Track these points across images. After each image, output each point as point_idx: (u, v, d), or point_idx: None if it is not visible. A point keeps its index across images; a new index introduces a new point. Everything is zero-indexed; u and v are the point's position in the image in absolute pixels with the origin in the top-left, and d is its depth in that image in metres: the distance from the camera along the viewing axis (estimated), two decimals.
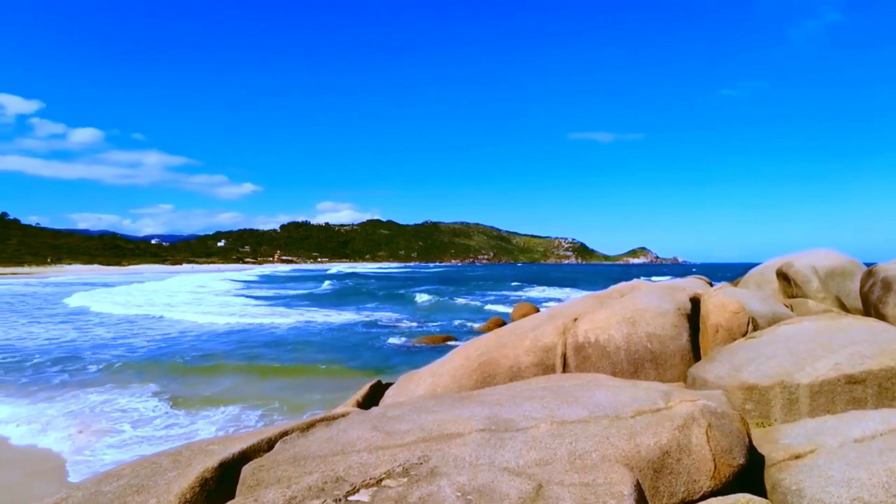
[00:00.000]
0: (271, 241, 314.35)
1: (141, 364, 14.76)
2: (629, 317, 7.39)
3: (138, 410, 10.21)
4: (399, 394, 6.97)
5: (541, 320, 7.67)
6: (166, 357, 15.96)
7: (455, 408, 4.40)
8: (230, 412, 10.06)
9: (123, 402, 10.79)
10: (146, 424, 9.40)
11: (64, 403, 10.64)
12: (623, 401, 4.10)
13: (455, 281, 78.48)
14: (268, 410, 10.19)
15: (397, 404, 5.00)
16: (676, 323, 7.45)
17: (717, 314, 7.73)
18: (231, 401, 10.77)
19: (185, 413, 10.07)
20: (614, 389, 4.59)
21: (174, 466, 3.65)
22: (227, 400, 10.85)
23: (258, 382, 12.73)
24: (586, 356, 6.84)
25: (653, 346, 7.10)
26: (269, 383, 12.75)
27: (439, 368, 7.06)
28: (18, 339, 19.54)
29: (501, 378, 6.62)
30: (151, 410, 10.23)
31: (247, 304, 36.31)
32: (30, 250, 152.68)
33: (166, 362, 15.10)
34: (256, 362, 15.18)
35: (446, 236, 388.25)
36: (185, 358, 15.67)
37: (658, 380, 6.95)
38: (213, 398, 11.04)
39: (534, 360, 6.73)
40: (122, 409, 10.34)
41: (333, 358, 15.84)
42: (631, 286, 10.09)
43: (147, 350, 17.20)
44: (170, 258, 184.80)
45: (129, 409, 10.29)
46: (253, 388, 12.05)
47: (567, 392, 4.66)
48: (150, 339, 19.54)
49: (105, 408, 10.38)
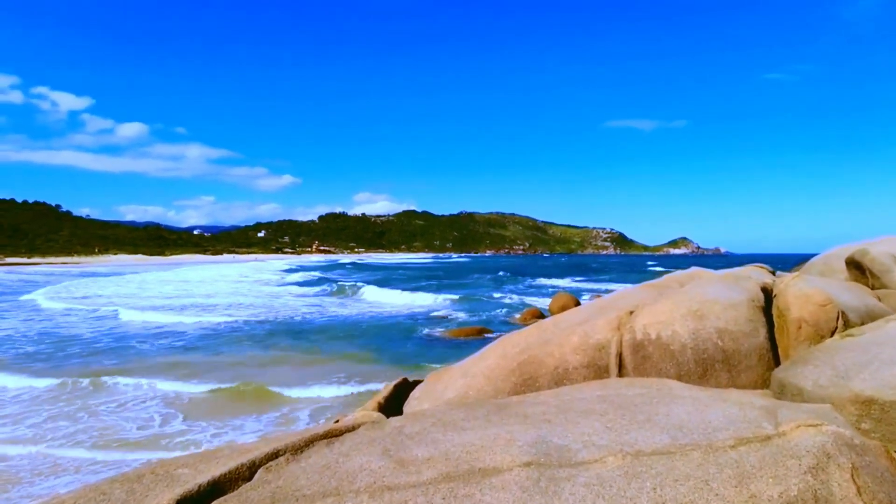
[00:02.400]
0: (310, 231, 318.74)
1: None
2: (695, 309, 6.30)
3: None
4: (426, 396, 6.08)
5: (590, 313, 6.65)
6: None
7: (491, 424, 3.47)
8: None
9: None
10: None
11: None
12: (713, 421, 3.10)
13: (487, 270, 77.36)
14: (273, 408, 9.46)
15: (419, 414, 4.10)
16: (751, 317, 6.33)
17: (799, 307, 6.56)
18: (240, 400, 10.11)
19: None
20: (695, 402, 3.57)
21: (126, 499, 2.82)
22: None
23: (276, 373, 12.06)
24: (646, 356, 5.80)
25: (724, 343, 6.01)
26: (289, 372, 12.10)
27: (472, 367, 6.13)
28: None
29: (545, 381, 5.65)
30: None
31: (277, 294, 36.16)
32: (80, 241, 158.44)
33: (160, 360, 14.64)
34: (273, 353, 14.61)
35: (481, 227, 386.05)
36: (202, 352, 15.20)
37: (731, 384, 5.86)
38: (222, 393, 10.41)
39: (583, 361, 5.72)
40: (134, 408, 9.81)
41: (359, 349, 15.11)
42: (690, 274, 8.94)
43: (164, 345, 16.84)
44: (211, 248, 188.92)
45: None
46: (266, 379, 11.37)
47: (633, 405, 3.67)
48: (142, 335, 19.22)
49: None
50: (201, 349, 15.07)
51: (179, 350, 14.98)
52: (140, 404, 9.69)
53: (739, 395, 3.81)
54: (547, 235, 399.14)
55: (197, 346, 15.50)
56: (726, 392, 3.95)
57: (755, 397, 3.85)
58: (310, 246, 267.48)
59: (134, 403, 9.73)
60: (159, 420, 8.83)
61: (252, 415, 9.13)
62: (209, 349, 15.04)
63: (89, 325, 19.59)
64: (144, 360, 13.59)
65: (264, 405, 9.66)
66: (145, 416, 9.06)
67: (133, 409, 9.39)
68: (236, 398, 10.08)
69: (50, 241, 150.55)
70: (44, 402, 9.82)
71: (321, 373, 12.10)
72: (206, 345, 15.76)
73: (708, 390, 4.06)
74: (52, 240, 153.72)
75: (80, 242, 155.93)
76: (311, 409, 9.41)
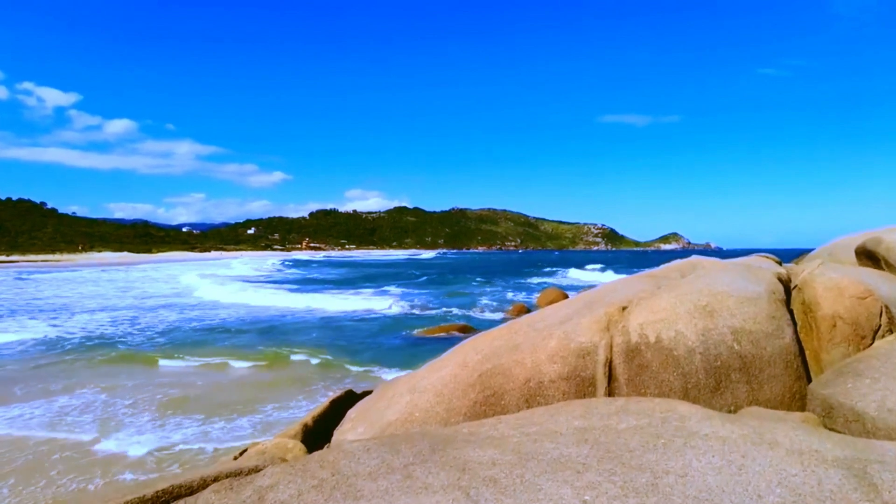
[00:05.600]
0: (300, 228, 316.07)
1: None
2: (704, 304, 5.02)
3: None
4: (362, 418, 4.76)
5: (573, 309, 5.35)
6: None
7: (405, 489, 2.18)
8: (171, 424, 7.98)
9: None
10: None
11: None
12: (764, 493, 1.80)
13: (474, 268, 75.98)
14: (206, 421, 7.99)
15: (323, 457, 2.79)
16: (774, 313, 5.06)
17: (832, 300, 5.30)
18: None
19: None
20: (725, 449, 2.29)
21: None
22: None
23: (211, 381, 10.65)
24: (643, 364, 4.51)
25: (742, 347, 4.73)
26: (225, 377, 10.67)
27: (422, 380, 4.81)
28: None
29: (512, 399, 4.35)
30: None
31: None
32: (64, 238, 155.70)
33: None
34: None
35: (473, 223, 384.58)
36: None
37: (752, 400, 4.60)
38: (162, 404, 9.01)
39: (562, 371, 4.42)
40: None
41: (319, 348, 13.73)
42: (692, 263, 7.63)
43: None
44: (199, 246, 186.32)
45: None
46: (197, 390, 9.87)
47: (628, 451, 2.38)
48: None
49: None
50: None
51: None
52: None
53: (790, 432, 2.52)
54: (539, 232, 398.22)
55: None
56: (768, 426, 2.66)
57: (812, 435, 2.56)
58: (300, 243, 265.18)
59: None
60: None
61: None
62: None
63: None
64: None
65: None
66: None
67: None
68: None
69: (33, 239, 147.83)
70: None
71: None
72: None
73: (739, 422, 2.77)
74: (35, 237, 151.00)
75: (65, 240, 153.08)
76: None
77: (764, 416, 3.71)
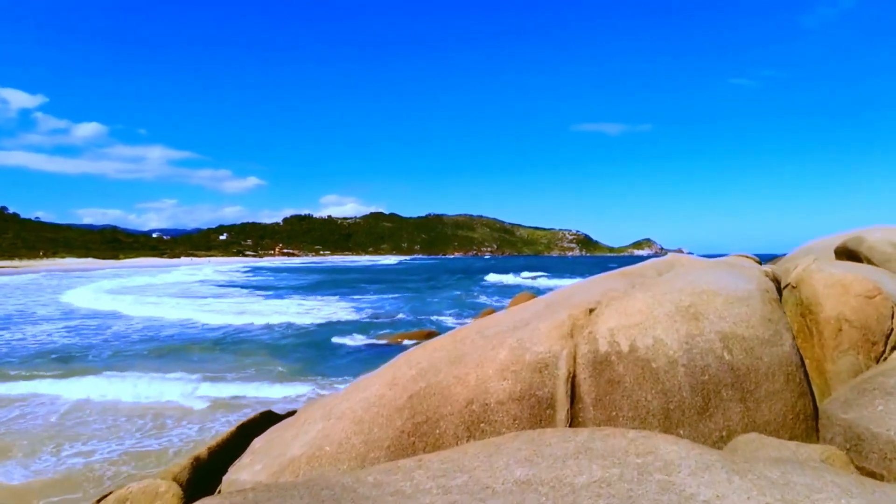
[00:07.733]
0: (274, 234, 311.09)
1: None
2: (687, 305, 4.17)
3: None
4: (265, 452, 3.77)
5: (531, 312, 4.44)
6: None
7: None
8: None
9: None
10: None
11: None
12: None
13: (451, 272, 75.03)
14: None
15: None
16: (769, 315, 4.23)
17: (835, 300, 4.51)
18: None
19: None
20: None
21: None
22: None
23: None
24: (614, 380, 3.61)
25: (733, 357, 3.88)
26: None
27: (342, 403, 3.84)
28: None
29: (449, 426, 3.41)
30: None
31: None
32: (26, 244, 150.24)
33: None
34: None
35: (450, 229, 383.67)
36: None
37: (748, 422, 3.74)
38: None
39: (513, 390, 3.50)
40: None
41: (264, 358, 12.65)
42: (669, 261, 6.77)
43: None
44: (168, 251, 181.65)
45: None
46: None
47: None
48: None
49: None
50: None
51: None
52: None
53: (828, 489, 1.62)
54: (514, 237, 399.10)
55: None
56: (798, 482, 1.76)
57: (858, 497, 1.67)
58: (273, 249, 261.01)
59: None
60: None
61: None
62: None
63: None
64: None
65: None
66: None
67: None
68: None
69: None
70: None
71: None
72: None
73: (752, 473, 1.87)
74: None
75: (27, 245, 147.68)
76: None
77: (771, 451, 2.84)
